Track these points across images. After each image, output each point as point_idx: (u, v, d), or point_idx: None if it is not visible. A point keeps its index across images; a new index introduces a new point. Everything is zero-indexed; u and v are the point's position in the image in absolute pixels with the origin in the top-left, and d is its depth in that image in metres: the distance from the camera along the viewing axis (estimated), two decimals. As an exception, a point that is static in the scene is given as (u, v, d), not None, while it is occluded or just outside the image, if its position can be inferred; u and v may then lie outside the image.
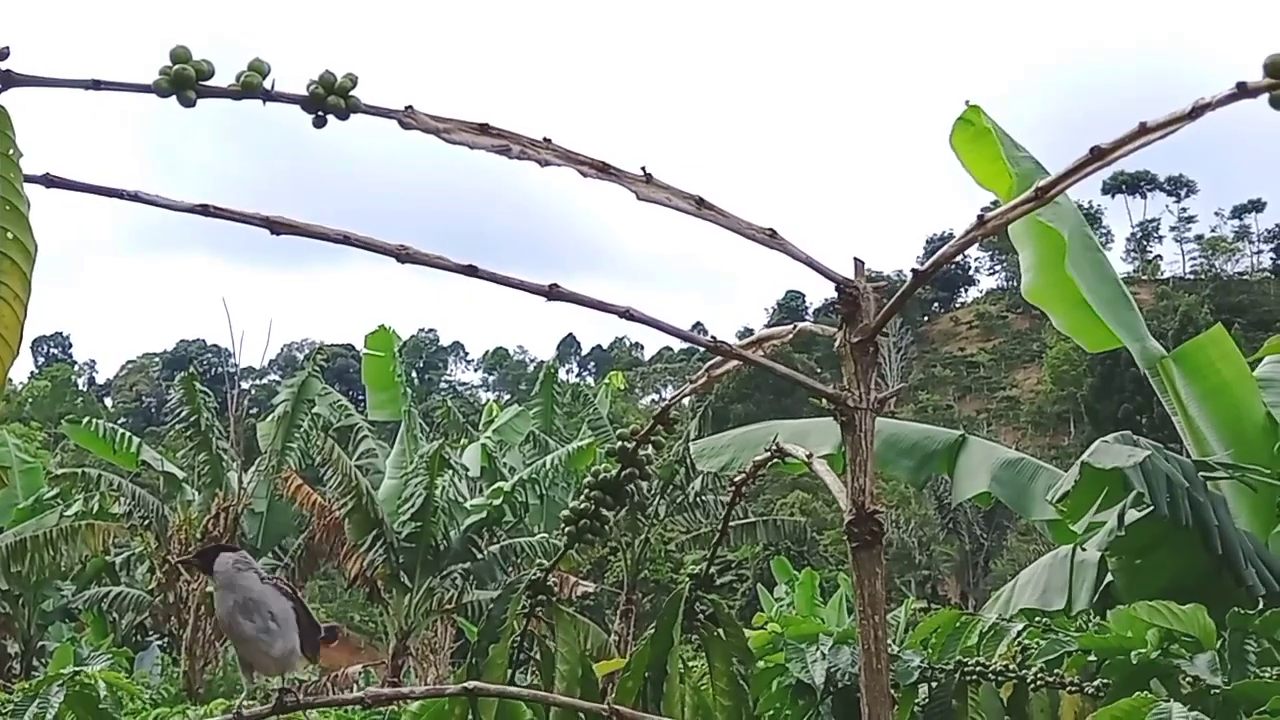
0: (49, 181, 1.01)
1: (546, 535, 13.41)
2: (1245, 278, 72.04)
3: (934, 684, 2.41)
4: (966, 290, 79.43)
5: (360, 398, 16.76)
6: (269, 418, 14.59)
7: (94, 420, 14.79)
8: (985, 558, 35.94)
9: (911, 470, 4.39)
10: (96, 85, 0.99)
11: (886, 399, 1.29)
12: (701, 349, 1.34)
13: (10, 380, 0.99)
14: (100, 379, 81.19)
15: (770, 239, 1.20)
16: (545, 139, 1.03)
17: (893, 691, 2.09)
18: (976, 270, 78.46)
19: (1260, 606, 2.66)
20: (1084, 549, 3.55)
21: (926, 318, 74.93)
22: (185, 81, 1.00)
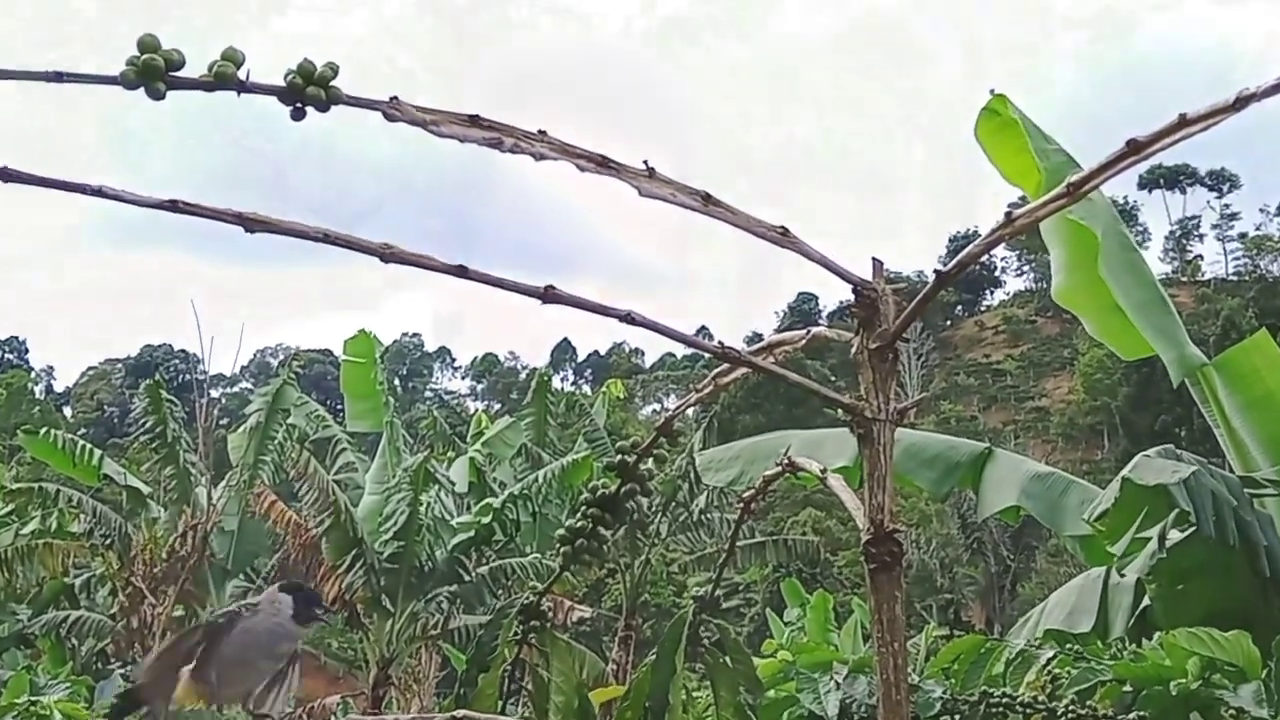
0: (4, 175, 1.01)
1: (540, 556, 13.39)
2: (1292, 279, 71.98)
3: (957, 716, 2.41)
4: (992, 293, 79.47)
5: (339, 407, 16.75)
6: (240, 429, 14.58)
7: (52, 431, 14.77)
8: (1012, 581, 35.88)
9: (933, 483, 4.38)
10: (59, 78, 0.99)
11: (906, 409, 1.29)
12: (707, 355, 1.34)
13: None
14: (59, 386, 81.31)
15: (782, 238, 1.20)
16: (540, 131, 1.04)
17: (913, 725, 2.08)
18: (1003, 271, 78.54)
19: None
20: (1120, 572, 3.55)
21: (949, 322, 74.94)
22: (154, 72, 1.00)
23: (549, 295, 1.12)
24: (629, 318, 1.17)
